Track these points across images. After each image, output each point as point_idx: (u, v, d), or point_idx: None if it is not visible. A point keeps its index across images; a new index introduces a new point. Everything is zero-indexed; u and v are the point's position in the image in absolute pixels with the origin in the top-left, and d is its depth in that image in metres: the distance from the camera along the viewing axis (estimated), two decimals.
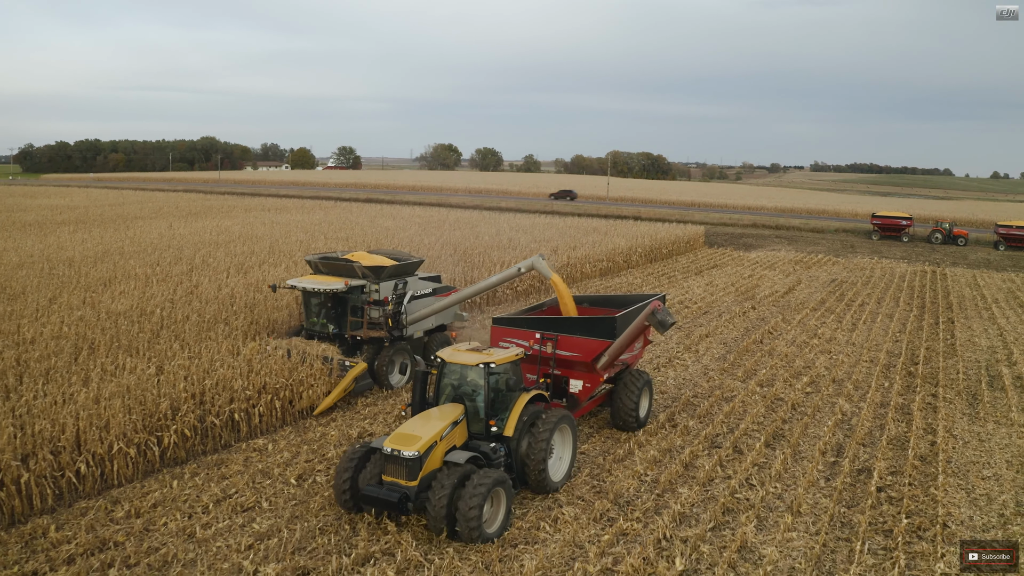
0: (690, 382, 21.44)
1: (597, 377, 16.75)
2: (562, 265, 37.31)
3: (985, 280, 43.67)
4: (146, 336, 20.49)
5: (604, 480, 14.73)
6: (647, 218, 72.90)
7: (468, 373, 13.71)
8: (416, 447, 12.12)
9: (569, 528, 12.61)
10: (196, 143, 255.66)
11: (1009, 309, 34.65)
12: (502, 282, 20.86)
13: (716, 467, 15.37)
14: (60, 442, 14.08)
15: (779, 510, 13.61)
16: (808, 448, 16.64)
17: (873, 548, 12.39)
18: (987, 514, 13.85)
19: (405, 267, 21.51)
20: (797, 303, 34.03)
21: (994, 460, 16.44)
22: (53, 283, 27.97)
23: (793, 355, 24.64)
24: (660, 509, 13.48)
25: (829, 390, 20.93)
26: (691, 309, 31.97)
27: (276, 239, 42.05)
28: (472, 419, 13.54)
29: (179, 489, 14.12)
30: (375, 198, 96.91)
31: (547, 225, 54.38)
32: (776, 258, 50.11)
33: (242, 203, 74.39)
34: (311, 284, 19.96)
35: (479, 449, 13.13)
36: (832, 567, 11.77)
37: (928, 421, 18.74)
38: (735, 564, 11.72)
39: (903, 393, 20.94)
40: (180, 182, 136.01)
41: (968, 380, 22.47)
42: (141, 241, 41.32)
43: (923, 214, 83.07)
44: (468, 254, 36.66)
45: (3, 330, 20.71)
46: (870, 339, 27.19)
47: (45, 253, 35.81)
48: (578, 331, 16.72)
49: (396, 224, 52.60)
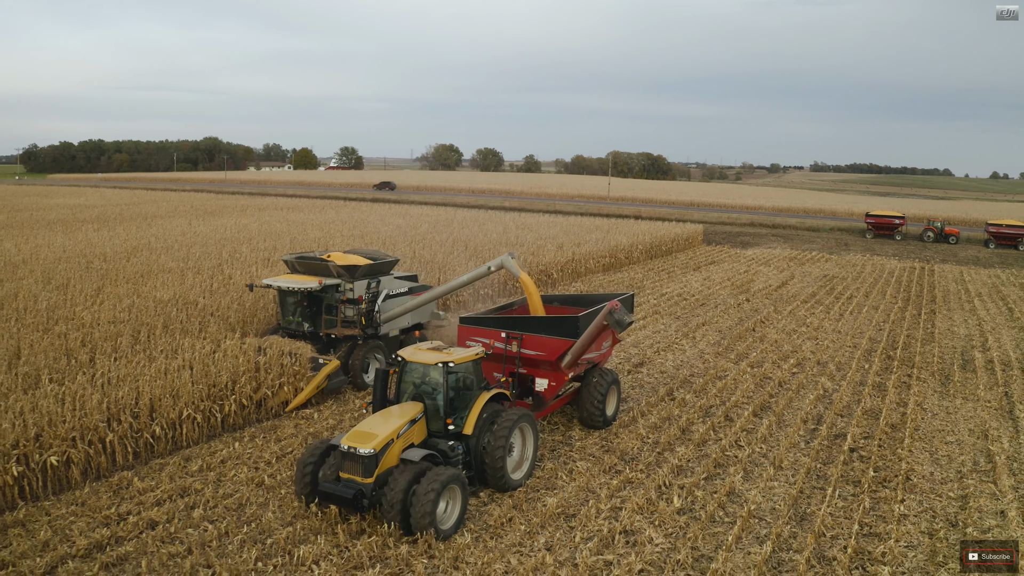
0: (687, 364, 23.53)
1: (562, 376, 16.86)
2: (567, 260, 39.38)
3: (971, 276, 45.72)
4: (196, 320, 22.55)
5: (611, 441, 16.83)
6: (647, 217, 74.98)
7: (428, 372, 13.89)
8: (372, 444, 12.36)
9: (583, 477, 14.73)
10: (199, 143, 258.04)
11: (991, 302, 36.69)
12: (472, 281, 20.71)
13: (709, 431, 17.49)
14: (136, 408, 16.19)
15: (763, 465, 15.71)
16: (791, 417, 18.74)
17: (843, 495, 14.48)
18: (946, 471, 15.92)
19: (380, 266, 21.68)
20: (789, 296, 36.11)
21: (958, 429, 18.52)
22: (93, 275, 29.98)
23: (782, 341, 26.73)
24: (660, 463, 15.61)
25: (813, 370, 23.03)
26: (689, 301, 34.04)
27: (294, 236, 44.09)
28: (432, 417, 13.74)
29: (242, 449, 16.24)
30: (381, 198, 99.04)
31: (551, 223, 56.45)
32: (771, 255, 52.19)
33: (253, 202, 76.46)
34: (286, 283, 20.30)
35: (437, 447, 13.42)
36: (807, 508, 13.87)
37: (901, 396, 20.83)
38: (724, 505, 13.82)
39: (880, 373, 23.03)
40: (187, 182, 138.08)
41: (943, 363, 24.54)
42: (165, 238, 43.32)
43: (919, 213, 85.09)
44: (479, 251, 38.73)
45: (62, 316, 22.77)
46: (855, 327, 29.29)
47: (77, 249, 37.77)
48: (542, 330, 16.83)
49: (407, 223, 54.67)
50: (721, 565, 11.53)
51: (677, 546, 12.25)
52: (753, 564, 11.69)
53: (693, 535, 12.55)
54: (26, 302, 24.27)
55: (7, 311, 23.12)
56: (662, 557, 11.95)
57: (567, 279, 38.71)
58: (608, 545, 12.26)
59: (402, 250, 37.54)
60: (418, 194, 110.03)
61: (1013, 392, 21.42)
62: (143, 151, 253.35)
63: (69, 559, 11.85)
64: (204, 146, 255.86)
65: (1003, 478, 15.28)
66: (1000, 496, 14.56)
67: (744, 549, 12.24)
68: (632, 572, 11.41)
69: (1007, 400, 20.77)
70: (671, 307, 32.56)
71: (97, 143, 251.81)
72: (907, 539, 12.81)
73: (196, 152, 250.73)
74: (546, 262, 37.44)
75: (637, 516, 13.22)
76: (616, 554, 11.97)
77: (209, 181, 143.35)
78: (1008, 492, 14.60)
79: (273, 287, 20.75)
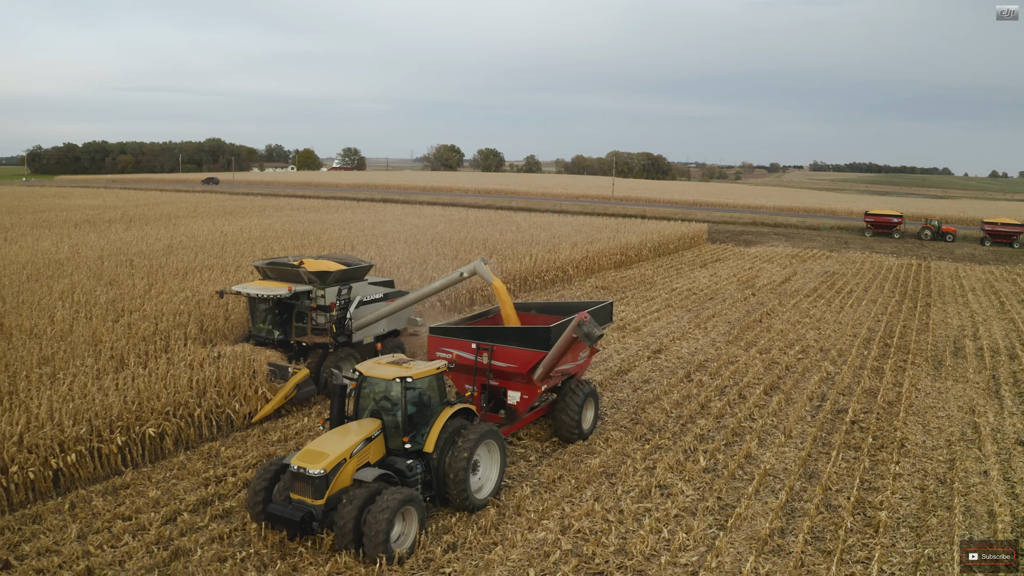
0: (701, 350, 25.60)
1: (535, 388, 16.25)
2: (582, 258, 41.47)
3: (966, 272, 47.80)
4: None
5: (639, 415, 18.90)
6: (652, 216, 77.06)
7: (386, 387, 13.31)
8: (323, 465, 11.85)
9: (618, 444, 16.84)
10: (203, 144, 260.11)
11: (984, 296, 38.75)
12: (445, 287, 19.62)
13: (725, 406, 19.58)
14: (217, 386, 18.23)
15: (775, 434, 17.80)
16: (798, 395, 20.83)
17: (846, 458, 16.56)
18: (937, 439, 17.99)
19: (352, 272, 21.17)
20: (792, 291, 38.19)
21: (948, 405, 20.58)
22: (139, 272, 31.93)
23: (787, 331, 28.80)
24: (684, 433, 17.72)
25: (817, 356, 25.11)
26: (698, 295, 36.10)
27: (318, 235, 46.06)
28: (391, 435, 13.16)
29: (310, 423, 18.28)
30: (390, 198, 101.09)
31: (563, 223, 58.54)
32: (774, 253, 54.30)
33: (268, 203, 78.47)
34: (255, 290, 19.95)
35: (395, 466, 12.87)
36: (814, 467, 15.96)
37: (897, 378, 22.91)
38: (742, 465, 15.92)
39: (878, 359, 25.11)
40: (196, 183, 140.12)
41: (936, 350, 26.62)
42: (195, 237, 45.20)
43: (917, 212, 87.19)
44: (497, 248, 40.82)
45: (127, 307, 24.78)
46: (855, 319, 31.37)
47: (114, 248, 39.53)
48: (513, 341, 16.21)
49: (424, 222, 56.74)
50: (744, 510, 13.62)
51: (705, 496, 14.35)
52: (771, 510, 13.77)
53: (718, 488, 14.65)
54: (86, 296, 26.23)
55: (73, 304, 25.08)
56: (693, 505, 14.04)
57: (582, 275, 40.81)
58: (646, 496, 14.35)
59: (426, 249, 39.62)
60: (426, 195, 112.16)
61: (1000, 375, 23.48)
62: (147, 152, 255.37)
63: (182, 512, 13.80)
64: (208, 147, 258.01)
65: (987, 445, 17.36)
66: (984, 460, 16.62)
67: (762, 499, 14.32)
68: (669, 516, 13.50)
69: (994, 382, 22.83)
70: (682, 301, 34.64)
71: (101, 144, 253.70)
72: (901, 492, 14.88)
73: (200, 153, 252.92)
74: (563, 259, 39.53)
75: (668, 474, 15.33)
76: (654, 503, 14.06)
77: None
78: (991, 456, 16.67)
79: (243, 294, 20.32)
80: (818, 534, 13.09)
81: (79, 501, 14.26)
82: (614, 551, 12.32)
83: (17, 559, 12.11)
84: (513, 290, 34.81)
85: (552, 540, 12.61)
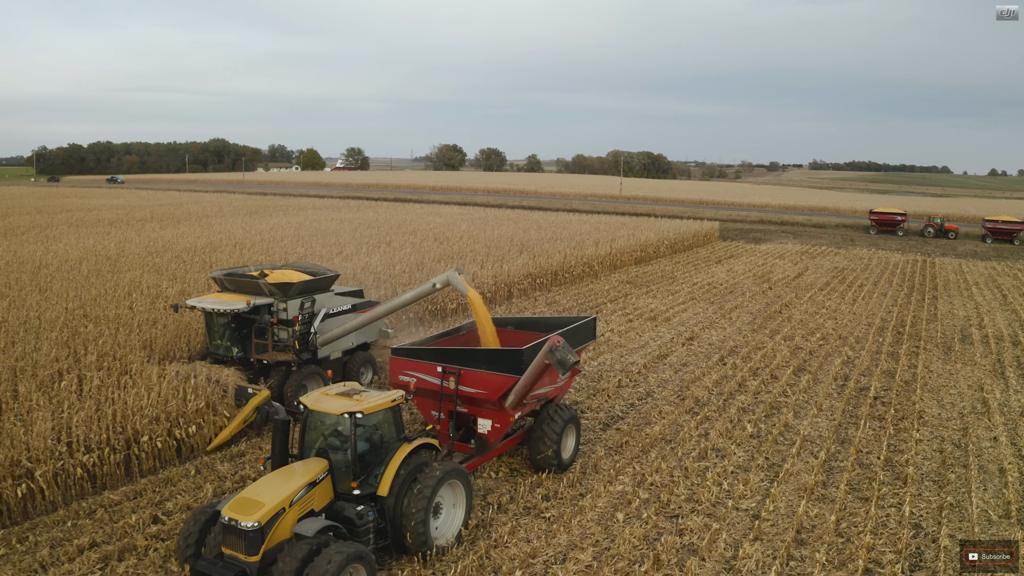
0: (730, 338, 27.80)
1: (507, 416, 14.69)
2: (605, 254, 43.64)
3: (969, 268, 50.04)
4: None
5: (684, 392, 21.10)
6: (662, 215, 79.24)
7: (333, 423, 11.69)
8: (257, 516, 10.30)
9: (671, 415, 19.04)
10: (208, 145, 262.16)
11: (987, 290, 40.98)
12: (417, 299, 17.91)
13: (760, 385, 21.79)
14: None
15: (808, 407, 20.01)
16: (824, 376, 23.04)
17: (872, 427, 18.77)
18: (950, 412, 20.18)
19: (317, 282, 19.69)
20: (806, 285, 40.40)
21: (959, 384, 22.78)
22: (193, 268, 33.75)
23: (807, 320, 31.01)
24: (727, 407, 19.93)
25: (836, 343, 27.31)
26: (718, 289, 38.30)
27: (352, 233, 48.08)
28: (340, 476, 11.55)
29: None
30: (402, 197, 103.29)
31: (580, 221, 60.74)
32: (784, 250, 56.53)
33: (287, 203, 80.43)
34: (211, 304, 18.37)
35: (343, 513, 11.31)
36: (845, 434, 18.18)
37: (911, 362, 25.11)
38: (783, 433, 18.14)
39: (893, 345, 27.31)
40: (207, 183, 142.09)
41: (945, 337, 28.83)
42: (231, 235, 46.91)
43: (919, 210, 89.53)
44: (528, 246, 42.97)
45: None
46: (868, 310, 33.58)
47: (156, 246, 40.67)
48: (482, 365, 14.49)
49: (445, 221, 58.89)
50: (790, 467, 15.84)
51: (755, 456, 16.57)
52: (812, 467, 15.97)
53: (765, 450, 16.87)
54: (156, 290, 28.11)
55: (145, 297, 26.92)
56: (745, 463, 16.25)
57: (607, 271, 43.00)
58: (704, 456, 16.56)
59: (458, 246, 41.75)
60: (437, 194, 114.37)
61: (1005, 359, 25.69)
62: (152, 153, 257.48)
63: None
64: (213, 147, 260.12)
65: (995, 416, 19.58)
66: (993, 428, 18.82)
67: (804, 459, 16.52)
68: (727, 472, 15.70)
69: (999, 365, 25.04)
70: (704, 294, 36.83)
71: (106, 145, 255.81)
72: (923, 453, 17.09)
73: (205, 153, 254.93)
74: (588, 256, 41.70)
75: (720, 439, 17.55)
76: (711, 462, 16.27)
77: (227, 182, 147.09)
78: (999, 426, 18.88)
79: (198, 308, 18.81)
80: (855, 486, 15.28)
81: (203, 467, 15.99)
82: (685, 499, 14.51)
83: (164, 514, 13.75)
84: (545, 285, 36.93)
85: (631, 491, 14.79)
